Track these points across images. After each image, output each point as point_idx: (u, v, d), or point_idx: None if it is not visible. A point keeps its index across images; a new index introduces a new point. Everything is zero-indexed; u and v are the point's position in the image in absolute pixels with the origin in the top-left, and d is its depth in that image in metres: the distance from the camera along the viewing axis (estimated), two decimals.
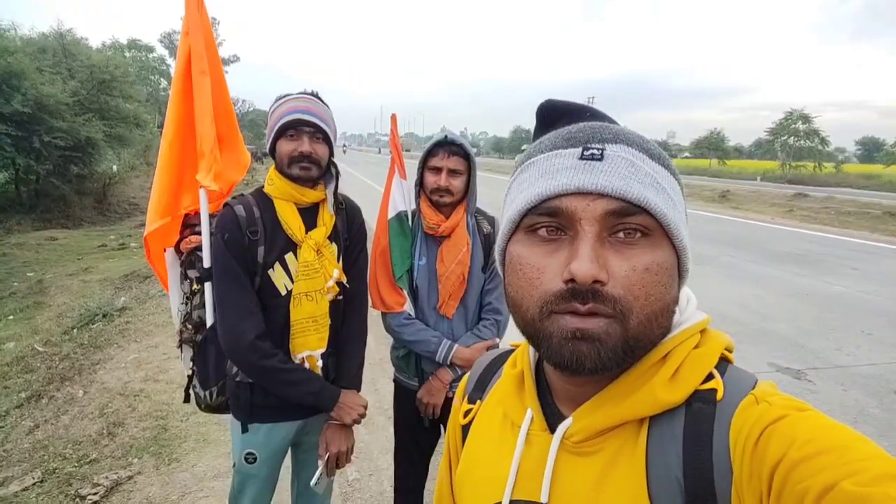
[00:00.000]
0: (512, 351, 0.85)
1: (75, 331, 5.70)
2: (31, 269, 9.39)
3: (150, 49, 36.94)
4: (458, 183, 1.97)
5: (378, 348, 4.57)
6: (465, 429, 0.82)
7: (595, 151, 0.59)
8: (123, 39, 32.15)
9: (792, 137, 42.95)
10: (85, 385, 4.39)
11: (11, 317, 6.82)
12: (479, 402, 0.82)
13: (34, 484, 3.09)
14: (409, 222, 2.09)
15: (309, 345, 1.76)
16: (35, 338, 5.64)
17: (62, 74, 15.30)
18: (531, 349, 0.75)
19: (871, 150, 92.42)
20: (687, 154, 73.91)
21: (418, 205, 2.06)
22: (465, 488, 0.77)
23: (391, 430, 2.32)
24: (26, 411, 4.04)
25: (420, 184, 2.03)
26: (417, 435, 2.16)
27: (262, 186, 1.78)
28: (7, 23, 15.20)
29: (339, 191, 1.85)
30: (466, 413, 0.83)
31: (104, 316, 6.01)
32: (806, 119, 42.32)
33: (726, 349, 0.65)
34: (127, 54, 29.64)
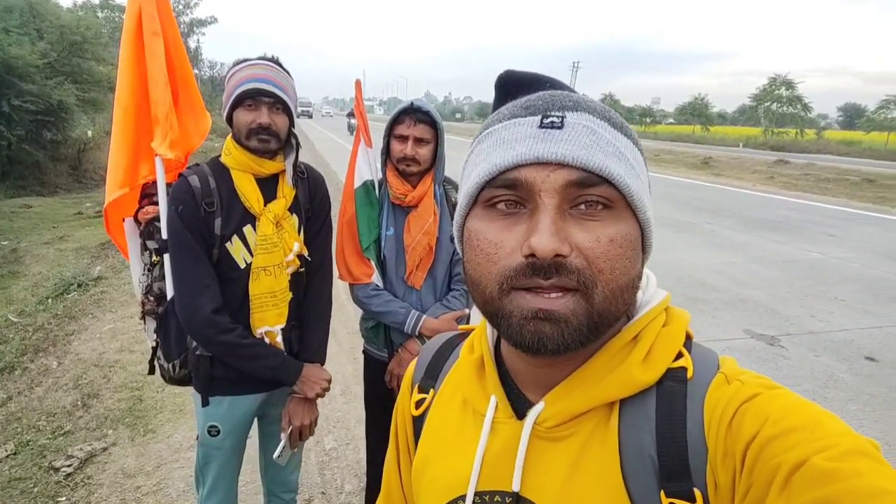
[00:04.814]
0: (462, 335, 0.82)
1: (50, 301, 5.61)
2: (5, 237, 9.17)
3: (124, 9, 35.68)
4: (424, 152, 1.92)
5: (358, 318, 4.56)
6: (417, 420, 0.79)
7: (555, 119, 0.56)
8: None
9: (775, 104, 43.05)
10: (59, 356, 4.35)
11: None
12: (431, 390, 0.78)
13: (7, 456, 3.07)
14: (376, 192, 2.05)
15: (267, 320, 1.73)
16: (9, 308, 5.54)
17: (30, 35, 14.72)
18: (489, 332, 0.73)
19: (852, 116, 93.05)
20: (671, 120, 73.83)
21: (385, 174, 2.02)
22: (422, 483, 0.74)
23: None
24: None
25: (386, 152, 1.99)
26: (388, 406, 2.16)
27: (219, 156, 1.73)
28: None
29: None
30: (419, 403, 0.79)
31: (79, 286, 5.92)
32: (789, 85, 42.38)
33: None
34: (100, 14, 28.57)
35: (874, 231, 9.80)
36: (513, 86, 0.66)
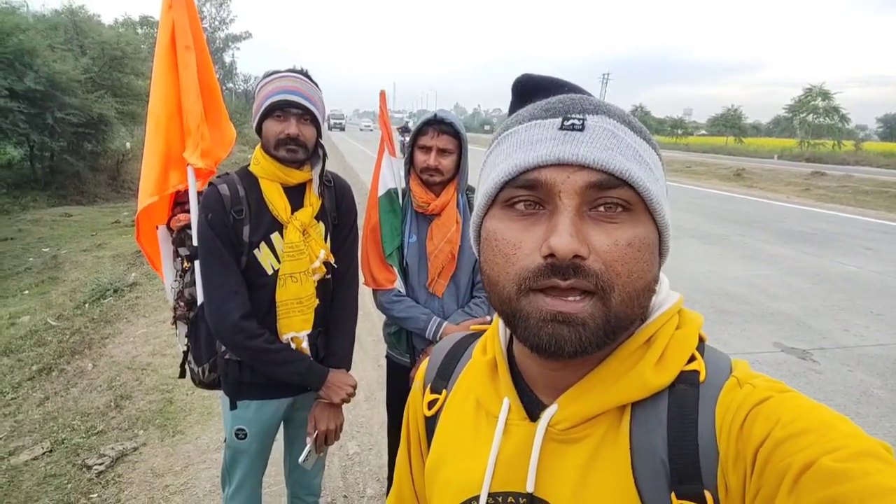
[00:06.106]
0: (474, 335, 0.83)
1: (87, 305, 5.78)
2: (46, 244, 9.49)
3: None
4: (447, 162, 1.96)
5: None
6: (430, 421, 0.79)
7: (576, 122, 0.57)
8: (135, 16, 31.93)
9: (811, 115, 42.08)
10: (94, 359, 4.48)
11: (27, 291, 6.94)
12: (444, 391, 0.79)
13: (43, 454, 3.18)
14: (400, 200, 2.09)
15: (293, 326, 1.76)
16: (48, 312, 5.73)
17: (73, 51, 15.26)
18: (501, 333, 0.73)
19: (892, 127, 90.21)
20: (703, 132, 72.62)
21: (408, 183, 2.06)
22: (436, 484, 0.74)
23: None
24: (37, 383, 4.13)
25: (410, 162, 2.03)
26: None
27: (248, 165, 1.78)
28: (19, 0, 15.19)
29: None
30: (431, 404, 0.79)
31: (115, 291, 6.09)
32: (826, 95, 41.39)
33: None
34: (139, 31, 29.44)
35: None
36: (531, 89, 0.66)
